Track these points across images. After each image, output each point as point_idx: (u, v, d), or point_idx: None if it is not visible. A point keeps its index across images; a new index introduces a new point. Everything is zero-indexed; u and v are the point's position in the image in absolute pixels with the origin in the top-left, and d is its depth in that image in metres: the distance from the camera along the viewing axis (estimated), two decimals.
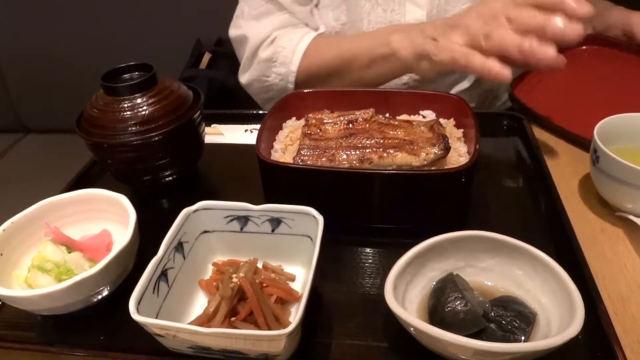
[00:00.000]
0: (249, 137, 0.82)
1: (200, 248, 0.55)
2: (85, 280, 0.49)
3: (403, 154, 0.60)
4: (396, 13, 0.83)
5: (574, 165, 0.71)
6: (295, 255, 0.55)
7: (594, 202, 0.64)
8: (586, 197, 0.66)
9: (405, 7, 0.82)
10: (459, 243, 0.51)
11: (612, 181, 0.58)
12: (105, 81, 0.65)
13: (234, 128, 0.83)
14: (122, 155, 0.64)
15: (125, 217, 0.57)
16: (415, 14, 0.83)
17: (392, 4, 0.83)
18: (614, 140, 0.60)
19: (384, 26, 0.84)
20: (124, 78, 0.69)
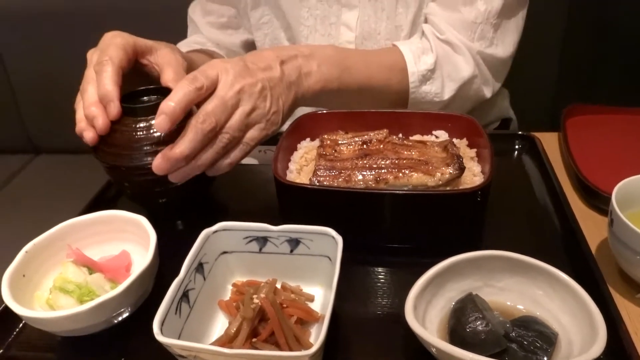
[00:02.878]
0: (263, 157, 0.83)
1: (219, 269, 0.55)
2: (107, 301, 0.50)
3: (418, 174, 0.61)
4: (332, 37, 0.88)
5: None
6: (313, 276, 0.55)
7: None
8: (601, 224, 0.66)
9: (340, 30, 0.87)
10: (476, 263, 0.51)
11: (625, 249, 0.53)
12: (124, 102, 0.67)
13: None
14: (139, 177, 0.65)
15: (143, 237, 0.58)
16: (347, 36, 0.87)
17: (329, 29, 0.88)
18: (637, 203, 0.57)
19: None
20: (142, 100, 0.70)
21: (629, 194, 0.57)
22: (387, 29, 0.85)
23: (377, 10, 0.85)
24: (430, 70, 0.79)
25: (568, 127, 0.82)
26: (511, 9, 0.82)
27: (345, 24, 0.87)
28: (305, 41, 0.89)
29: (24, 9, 1.58)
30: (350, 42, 0.88)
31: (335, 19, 0.87)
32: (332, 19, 0.87)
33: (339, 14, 0.86)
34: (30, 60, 1.62)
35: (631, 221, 0.52)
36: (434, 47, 0.80)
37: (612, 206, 0.55)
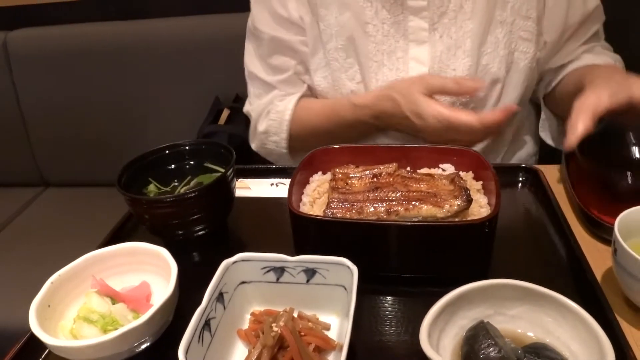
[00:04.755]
0: (275, 190, 0.86)
1: (238, 298, 0.57)
2: (130, 331, 0.51)
3: (428, 206, 0.63)
4: (401, 71, 0.90)
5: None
6: (329, 305, 0.57)
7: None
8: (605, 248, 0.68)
9: (409, 65, 0.89)
10: (487, 291, 0.53)
11: (630, 278, 0.55)
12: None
13: (260, 182, 0.87)
14: (159, 210, 0.68)
15: (163, 268, 0.60)
16: (418, 70, 0.89)
17: (396, 63, 0.89)
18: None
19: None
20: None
21: (631, 224, 0.59)
22: (465, 66, 0.87)
23: (451, 48, 0.87)
24: None
25: (569, 158, 0.85)
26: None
27: (415, 58, 0.88)
28: (375, 76, 0.90)
29: (39, 48, 1.64)
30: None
31: (403, 53, 0.88)
32: (399, 53, 0.89)
33: (406, 49, 0.88)
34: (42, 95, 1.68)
35: (634, 250, 0.54)
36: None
37: (615, 236, 0.57)
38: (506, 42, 0.87)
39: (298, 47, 0.95)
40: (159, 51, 1.58)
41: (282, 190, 0.84)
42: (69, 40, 1.63)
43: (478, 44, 0.86)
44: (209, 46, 1.55)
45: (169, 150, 0.76)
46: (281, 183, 0.87)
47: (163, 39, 1.58)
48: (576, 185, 0.79)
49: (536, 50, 0.89)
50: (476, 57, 0.87)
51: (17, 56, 1.65)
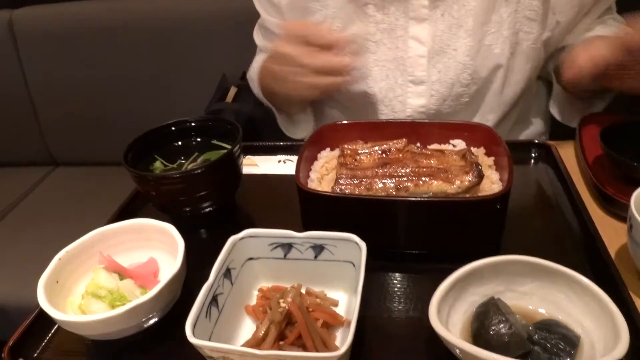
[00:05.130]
0: (282, 167, 0.85)
1: (245, 274, 0.57)
2: (138, 306, 0.51)
3: (438, 182, 0.62)
4: (400, 50, 0.88)
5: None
6: (337, 281, 0.56)
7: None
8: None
9: (408, 43, 0.87)
10: (498, 267, 0.52)
11: None
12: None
13: (267, 159, 0.87)
14: (166, 187, 0.67)
15: (170, 245, 0.60)
16: (418, 50, 0.87)
17: (396, 42, 0.87)
18: None
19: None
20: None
21: None
22: (467, 46, 0.85)
23: (452, 27, 0.85)
24: None
25: (584, 135, 0.83)
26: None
27: (415, 37, 0.86)
28: (373, 56, 0.89)
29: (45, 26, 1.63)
30: (422, 56, 0.87)
31: (403, 32, 0.86)
32: (399, 32, 0.87)
33: (406, 27, 0.86)
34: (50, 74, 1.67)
35: None
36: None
37: (630, 212, 0.55)
38: (510, 21, 0.84)
39: (274, 29, 0.96)
40: (166, 28, 1.56)
41: (289, 167, 0.83)
42: (75, 17, 1.62)
43: (481, 23, 0.84)
44: (216, 23, 1.53)
45: (175, 127, 0.76)
46: (289, 160, 0.86)
47: (171, 16, 1.56)
48: (591, 163, 0.77)
49: (541, 30, 0.86)
50: (479, 36, 0.84)
51: (23, 34, 1.64)
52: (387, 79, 0.89)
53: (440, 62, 0.86)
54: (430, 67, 0.87)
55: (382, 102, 0.91)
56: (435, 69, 0.87)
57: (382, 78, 0.89)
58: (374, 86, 0.90)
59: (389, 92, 0.90)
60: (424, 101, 0.89)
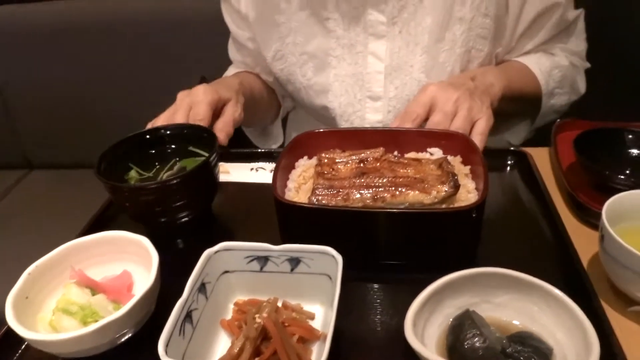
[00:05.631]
0: (255, 175, 0.84)
1: (221, 288, 0.56)
2: (111, 323, 0.50)
3: (415, 192, 0.62)
4: (359, 66, 0.89)
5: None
6: (314, 294, 0.56)
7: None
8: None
9: (367, 59, 0.88)
10: (473, 280, 0.52)
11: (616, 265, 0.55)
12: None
13: (239, 167, 0.85)
14: (141, 198, 0.66)
15: (145, 257, 0.59)
16: (376, 66, 0.89)
17: (356, 58, 0.89)
18: (627, 218, 0.58)
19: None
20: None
21: (618, 209, 0.59)
22: (422, 63, 0.87)
23: (409, 44, 0.86)
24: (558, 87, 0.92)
25: (559, 142, 0.84)
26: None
27: (373, 53, 0.88)
28: (334, 70, 0.90)
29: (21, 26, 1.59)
30: (380, 72, 0.88)
31: (362, 47, 0.88)
32: (358, 47, 0.88)
33: (365, 43, 0.87)
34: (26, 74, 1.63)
35: (621, 236, 0.54)
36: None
37: (602, 222, 0.56)
38: (464, 39, 0.85)
39: (245, 43, 0.99)
40: (144, 29, 1.54)
41: (262, 176, 0.83)
42: (53, 17, 1.58)
43: (435, 40, 0.85)
44: (195, 25, 1.51)
45: (149, 135, 0.74)
46: (261, 168, 0.85)
47: (149, 17, 1.54)
48: (566, 170, 0.78)
49: (492, 49, 0.89)
50: (433, 53, 0.86)
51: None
52: (346, 94, 0.91)
53: (397, 79, 0.88)
54: (388, 83, 0.89)
55: (342, 117, 0.93)
56: (392, 85, 0.89)
57: (341, 93, 0.91)
58: (333, 101, 0.92)
59: (348, 107, 0.92)
60: (381, 117, 0.91)
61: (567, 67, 0.93)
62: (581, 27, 0.96)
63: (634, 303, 0.56)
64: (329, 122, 0.97)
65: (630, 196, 0.60)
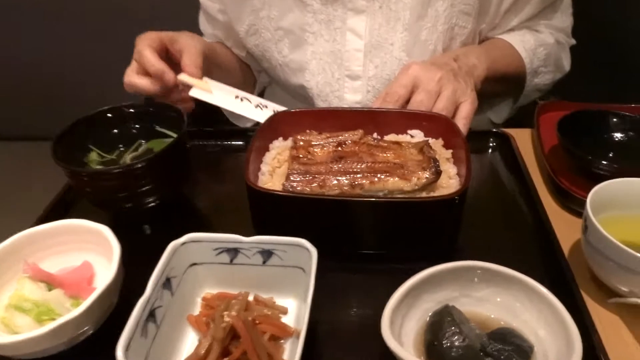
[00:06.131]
0: (239, 105, 0.77)
1: (188, 281, 0.53)
2: (68, 322, 0.47)
3: (394, 178, 0.59)
4: (337, 43, 0.85)
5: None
6: (287, 287, 0.53)
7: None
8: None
9: (346, 36, 0.84)
10: (453, 273, 0.50)
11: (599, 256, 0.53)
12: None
13: (224, 90, 0.77)
14: (103, 183, 0.62)
15: (106, 247, 0.55)
16: (355, 43, 0.84)
17: (333, 35, 0.84)
18: (611, 207, 0.57)
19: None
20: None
21: (602, 198, 0.57)
22: (403, 41, 0.82)
23: (390, 20, 0.81)
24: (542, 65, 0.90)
25: (541, 123, 0.82)
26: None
27: (352, 29, 0.83)
28: (311, 47, 0.85)
29: None
30: (359, 50, 0.84)
31: (341, 23, 0.83)
32: (337, 23, 0.83)
33: (344, 18, 0.82)
34: None
35: (604, 226, 0.52)
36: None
37: (586, 213, 0.54)
38: (447, 15, 0.81)
39: (215, 15, 0.93)
40: None
41: (246, 108, 0.76)
42: None
43: (417, 17, 0.81)
44: None
45: (111, 114, 0.69)
46: (246, 99, 0.78)
47: None
48: (548, 153, 0.76)
49: (475, 25, 0.85)
50: (415, 31, 0.82)
51: None
52: (324, 73, 0.87)
53: (377, 57, 0.84)
54: (367, 61, 0.85)
55: (319, 96, 0.89)
56: (372, 64, 0.85)
57: (319, 71, 0.87)
58: (310, 80, 0.88)
59: (325, 87, 0.88)
60: (360, 97, 0.88)
61: (552, 45, 0.90)
62: (567, 1, 0.93)
63: (614, 294, 0.55)
64: (306, 102, 0.93)
65: (615, 185, 0.58)
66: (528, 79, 0.89)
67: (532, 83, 0.90)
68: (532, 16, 0.89)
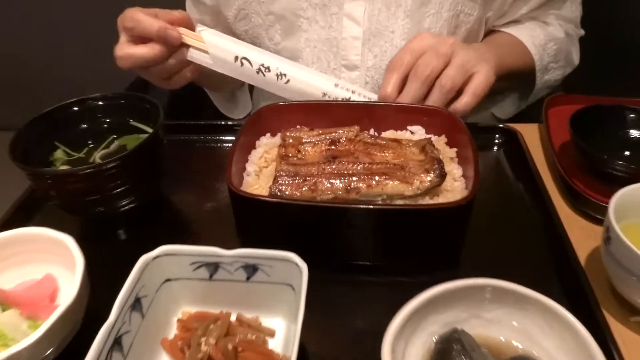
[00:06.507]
0: (239, 68, 0.69)
1: (162, 300, 0.47)
2: (23, 350, 0.41)
3: (394, 182, 0.53)
4: (333, 30, 0.78)
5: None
6: (274, 305, 0.47)
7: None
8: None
9: (343, 22, 0.77)
10: (461, 293, 0.44)
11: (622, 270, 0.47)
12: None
13: (223, 48, 0.69)
14: (69, 186, 0.55)
15: (71, 259, 0.48)
16: (353, 31, 0.77)
17: (329, 21, 0.77)
18: (632, 214, 0.51)
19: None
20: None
21: (624, 205, 0.51)
22: (404, 28, 0.76)
23: (391, 6, 0.75)
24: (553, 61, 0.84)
25: (550, 118, 0.76)
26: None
27: (350, 15, 0.76)
28: (305, 34, 0.79)
29: None
30: (357, 38, 0.77)
31: (337, 8, 0.76)
32: (333, 8, 0.76)
33: (340, 3, 0.75)
34: None
35: (625, 234, 0.47)
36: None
37: (608, 222, 0.49)
38: (452, 2, 0.75)
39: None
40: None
41: (245, 72, 0.69)
42: None
43: (419, 3, 0.75)
44: None
45: (78, 107, 0.62)
46: (246, 60, 0.70)
47: None
48: (559, 151, 0.70)
49: (481, 13, 0.79)
50: (417, 18, 0.76)
51: None
52: (319, 62, 0.80)
53: (376, 46, 0.78)
54: (366, 50, 0.78)
55: None
56: (371, 53, 0.78)
57: (313, 60, 0.81)
58: None
59: None
60: None
61: (562, 39, 0.85)
62: None
63: (636, 311, 0.50)
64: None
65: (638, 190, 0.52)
66: (538, 77, 0.83)
67: (542, 80, 0.85)
68: (542, 4, 0.82)
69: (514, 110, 0.92)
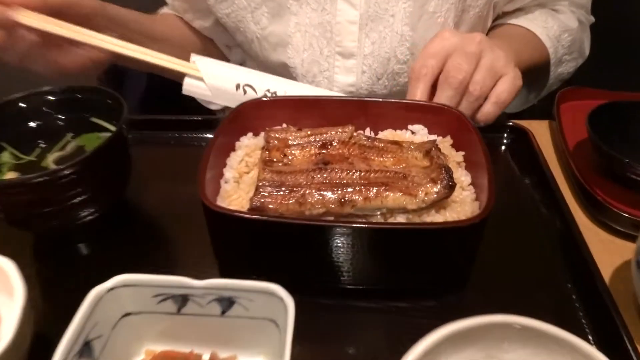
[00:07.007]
0: (241, 97, 0.63)
1: (120, 338, 0.39)
2: None
3: (395, 193, 0.46)
4: (327, 13, 0.71)
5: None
6: (254, 342, 0.40)
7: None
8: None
9: (337, 5, 0.70)
10: (477, 332, 0.38)
11: None
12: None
13: (221, 75, 0.64)
14: (17, 197, 0.47)
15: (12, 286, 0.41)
16: (348, 14, 0.70)
17: (322, 3, 0.70)
18: None
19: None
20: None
21: None
22: (406, 12, 0.69)
23: None
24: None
25: (563, 115, 0.69)
26: None
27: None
28: (295, 17, 0.71)
29: None
30: (353, 23, 0.70)
31: None
32: None
33: None
34: None
35: None
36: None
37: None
38: None
39: None
40: None
41: (251, 97, 0.62)
42: None
43: None
44: None
45: (26, 103, 0.53)
46: (249, 86, 0.64)
47: None
48: (573, 151, 0.64)
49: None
50: (421, 0, 0.68)
51: None
52: (310, 49, 0.73)
53: (374, 31, 0.70)
54: (363, 36, 0.71)
55: (305, 77, 0.75)
56: (368, 39, 0.71)
57: (304, 47, 0.73)
58: (294, 57, 0.74)
59: (312, 66, 0.74)
60: (354, 79, 0.74)
61: (576, 29, 0.78)
62: None
63: None
64: None
65: None
66: (552, 70, 0.77)
67: (556, 73, 0.79)
68: None
69: (522, 105, 0.85)
